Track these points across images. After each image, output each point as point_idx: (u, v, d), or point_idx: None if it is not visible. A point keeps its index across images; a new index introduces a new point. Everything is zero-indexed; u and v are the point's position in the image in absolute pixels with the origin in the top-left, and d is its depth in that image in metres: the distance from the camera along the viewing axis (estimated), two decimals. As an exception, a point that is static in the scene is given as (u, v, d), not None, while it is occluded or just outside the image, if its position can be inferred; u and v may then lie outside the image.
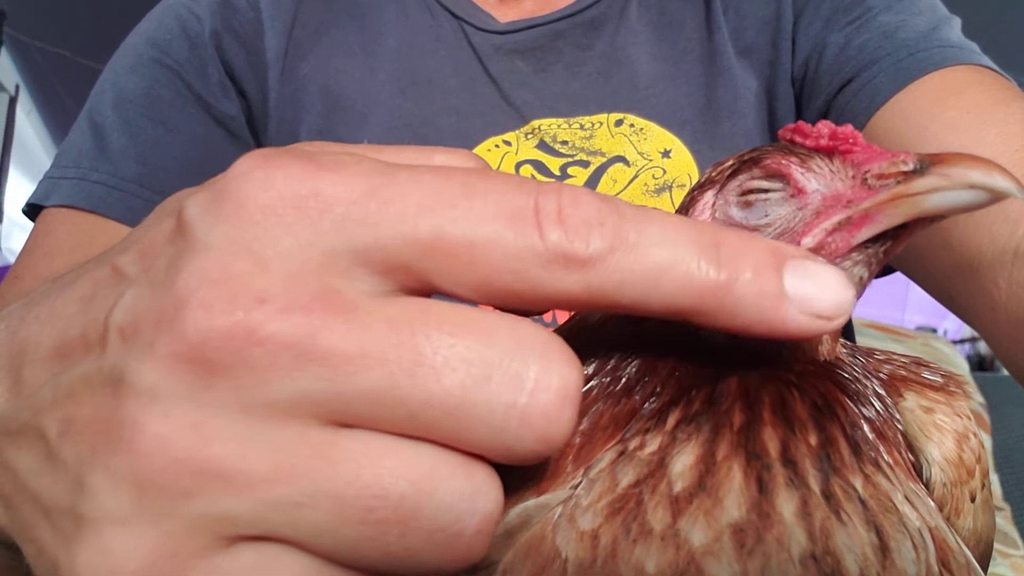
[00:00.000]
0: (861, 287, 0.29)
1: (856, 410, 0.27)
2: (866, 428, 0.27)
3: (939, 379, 0.33)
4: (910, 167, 0.25)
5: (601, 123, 0.71)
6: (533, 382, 0.19)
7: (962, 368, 1.67)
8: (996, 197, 0.24)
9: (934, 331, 2.50)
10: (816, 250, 0.27)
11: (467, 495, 0.20)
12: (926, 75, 0.60)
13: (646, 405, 0.27)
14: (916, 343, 1.67)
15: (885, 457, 0.27)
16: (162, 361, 0.19)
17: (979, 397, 1.57)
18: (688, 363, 0.27)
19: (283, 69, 0.73)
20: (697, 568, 0.23)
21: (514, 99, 0.72)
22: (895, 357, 0.34)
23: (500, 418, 0.19)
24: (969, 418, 0.32)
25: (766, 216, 0.29)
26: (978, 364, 2.59)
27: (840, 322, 0.22)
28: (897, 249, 0.28)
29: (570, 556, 0.24)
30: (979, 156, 0.25)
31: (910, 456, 0.30)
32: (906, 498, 0.26)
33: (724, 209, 0.30)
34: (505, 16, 0.76)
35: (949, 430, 0.31)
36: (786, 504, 0.24)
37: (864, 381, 0.29)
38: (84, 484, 0.20)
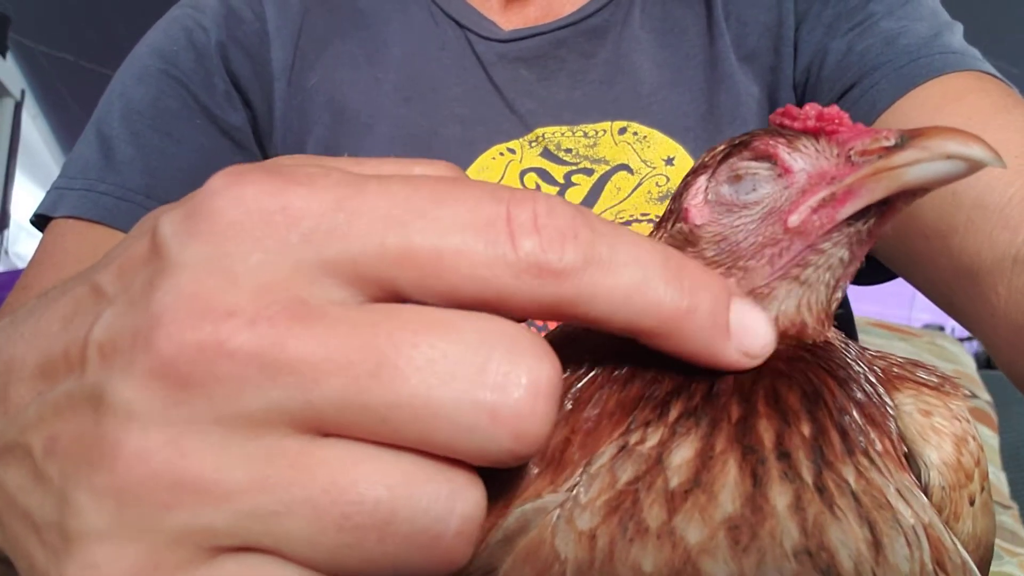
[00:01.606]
0: (843, 269, 0.29)
1: (844, 394, 0.27)
2: (855, 413, 0.27)
3: (935, 379, 0.33)
4: (891, 142, 0.26)
5: (605, 131, 0.71)
6: (501, 377, 0.19)
7: (969, 366, 1.66)
8: (974, 167, 0.25)
9: (941, 328, 2.49)
10: (802, 227, 0.28)
11: (444, 498, 0.20)
12: (927, 81, 0.60)
13: (649, 391, 0.27)
14: (922, 341, 1.66)
15: (876, 445, 0.27)
16: (139, 378, 0.19)
17: (986, 395, 1.56)
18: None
19: (289, 81, 0.74)
20: (694, 567, 0.23)
21: (518, 107, 0.72)
22: (890, 356, 0.34)
23: (468, 416, 0.19)
24: (968, 421, 0.32)
25: (754, 190, 0.29)
26: (985, 362, 2.57)
27: (757, 363, 0.25)
28: (883, 227, 0.28)
29: (569, 557, 0.24)
30: (958, 128, 0.25)
31: (903, 446, 0.30)
32: (899, 493, 0.26)
33: (716, 189, 0.31)
34: (509, 24, 0.76)
35: (947, 434, 0.31)
36: (780, 497, 0.24)
37: (854, 367, 0.29)
38: (69, 500, 0.20)
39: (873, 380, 0.30)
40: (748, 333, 0.24)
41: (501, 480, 0.21)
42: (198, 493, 0.19)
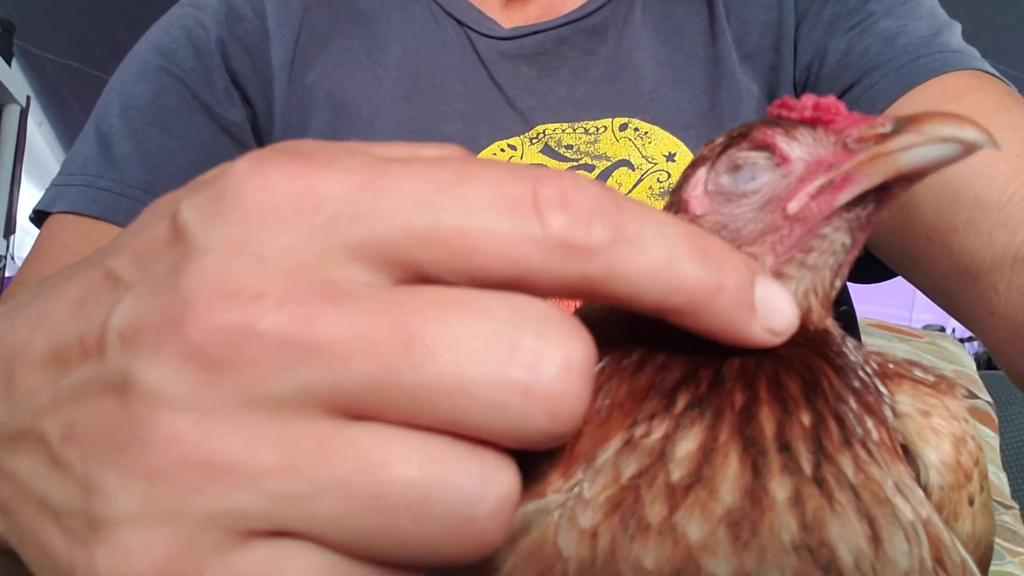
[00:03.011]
0: (845, 254, 0.29)
1: (841, 382, 0.28)
2: (852, 401, 0.27)
3: (931, 378, 0.33)
4: (887, 129, 0.26)
5: (606, 127, 0.71)
6: (533, 355, 0.19)
7: (969, 367, 1.65)
8: (968, 148, 0.25)
9: (942, 329, 2.49)
10: (801, 214, 0.28)
11: (477, 477, 0.19)
12: (927, 81, 0.61)
13: (658, 380, 0.27)
14: (922, 342, 1.65)
15: (872, 435, 0.27)
16: (167, 362, 0.19)
17: (986, 396, 1.55)
18: (692, 338, 0.28)
19: (289, 77, 0.74)
20: (695, 565, 0.23)
21: (519, 104, 0.73)
22: (887, 354, 0.34)
23: (500, 395, 0.19)
24: (967, 421, 0.32)
25: (753, 179, 0.30)
26: (986, 362, 2.56)
27: (782, 340, 0.25)
28: (881, 213, 0.28)
29: (571, 556, 0.24)
30: (951, 112, 0.25)
31: (899, 436, 0.30)
32: (897, 488, 0.26)
33: (715, 180, 0.31)
34: (510, 22, 0.76)
35: (946, 434, 0.31)
36: (779, 490, 0.24)
37: (851, 356, 0.29)
38: (95, 486, 0.20)
39: (869, 371, 0.30)
40: (773, 310, 0.24)
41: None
42: (228, 475, 0.19)
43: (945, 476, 0.31)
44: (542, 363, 0.19)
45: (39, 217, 0.70)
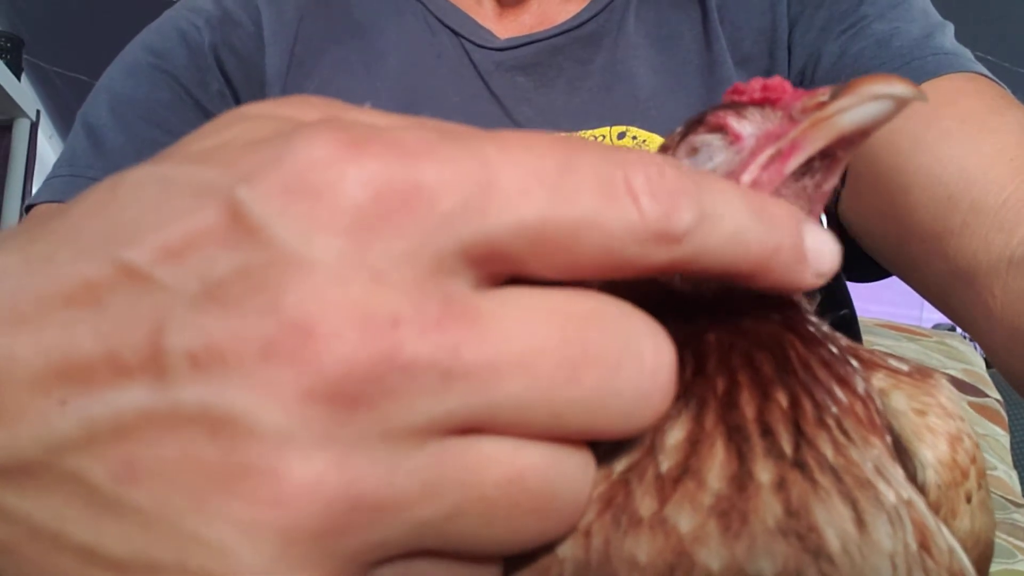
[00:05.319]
0: None
1: (808, 351, 0.28)
2: (821, 372, 0.28)
3: (905, 367, 0.33)
4: (826, 97, 0.28)
5: (604, 136, 0.71)
6: (655, 361, 0.20)
7: (979, 365, 1.64)
8: (900, 103, 0.26)
9: (952, 329, 2.47)
10: (754, 185, 0.29)
11: (583, 469, 0.21)
12: (920, 84, 0.61)
13: None
14: (931, 342, 1.65)
15: (845, 404, 0.27)
16: (292, 400, 0.17)
17: (996, 394, 1.54)
18: (669, 319, 0.27)
19: (284, 87, 0.74)
20: (689, 558, 0.23)
21: (517, 116, 0.73)
22: (858, 345, 0.35)
23: (631, 404, 0.20)
24: (962, 419, 0.33)
25: (711, 160, 0.31)
26: (998, 361, 2.53)
27: (826, 280, 0.24)
28: (831, 180, 0.30)
29: (567, 557, 0.24)
30: (882, 74, 0.26)
31: (876, 405, 0.30)
32: (877, 470, 0.26)
33: None
34: (505, 32, 0.76)
35: (942, 432, 0.31)
36: (764, 474, 0.24)
37: (821, 329, 0.30)
38: (201, 539, 0.17)
39: (840, 346, 0.30)
40: (820, 256, 0.23)
41: None
42: (374, 513, 0.18)
43: (942, 475, 0.31)
44: (660, 369, 0.20)
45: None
